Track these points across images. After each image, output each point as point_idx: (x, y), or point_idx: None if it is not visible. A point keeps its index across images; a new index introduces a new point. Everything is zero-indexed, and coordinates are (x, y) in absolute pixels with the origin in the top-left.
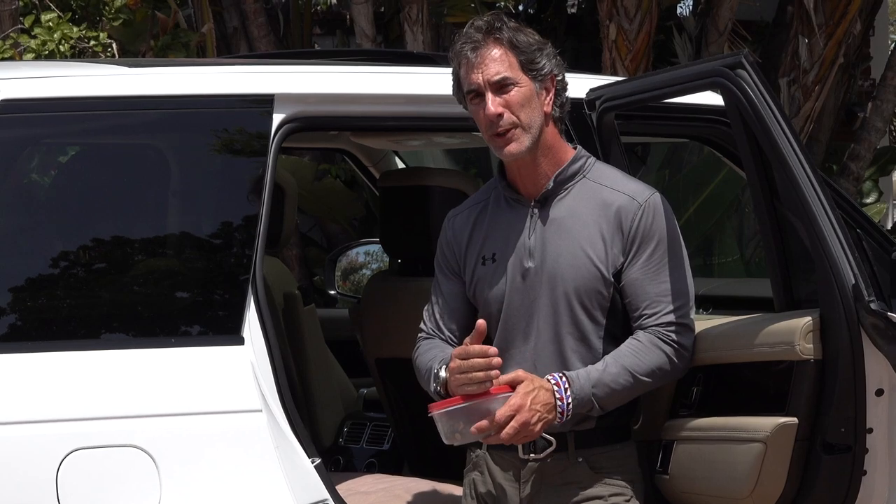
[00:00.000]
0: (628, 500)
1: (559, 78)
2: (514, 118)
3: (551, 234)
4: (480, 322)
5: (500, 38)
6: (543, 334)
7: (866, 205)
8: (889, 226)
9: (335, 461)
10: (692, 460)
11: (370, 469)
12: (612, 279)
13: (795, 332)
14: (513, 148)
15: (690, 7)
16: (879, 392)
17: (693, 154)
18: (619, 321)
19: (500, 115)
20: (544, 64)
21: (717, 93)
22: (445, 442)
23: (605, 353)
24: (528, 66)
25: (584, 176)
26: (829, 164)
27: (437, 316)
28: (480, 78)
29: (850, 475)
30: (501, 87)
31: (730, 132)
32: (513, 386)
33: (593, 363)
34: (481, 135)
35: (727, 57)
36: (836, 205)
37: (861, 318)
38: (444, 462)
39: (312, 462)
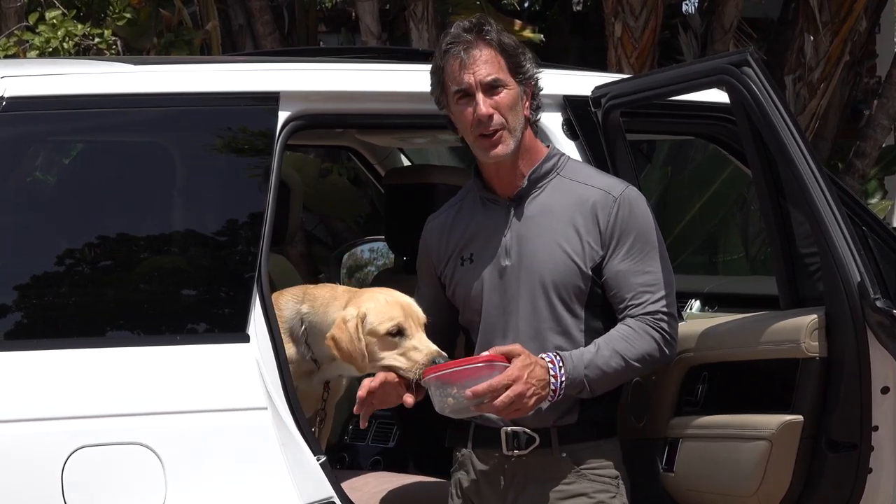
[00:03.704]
0: (613, 497)
1: (536, 82)
2: (503, 120)
3: (527, 231)
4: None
5: (489, 39)
6: (523, 331)
7: (871, 203)
8: (895, 223)
9: (340, 459)
10: (698, 458)
11: (375, 467)
12: (591, 273)
13: (801, 329)
14: (499, 150)
15: (696, 4)
16: (885, 390)
17: (698, 151)
18: (597, 315)
19: (491, 117)
20: (528, 67)
21: (722, 90)
22: (437, 409)
23: (587, 346)
24: (515, 69)
25: (558, 173)
26: (834, 162)
27: None
28: (472, 78)
29: (856, 473)
30: (492, 88)
31: (735, 129)
32: (509, 358)
33: None
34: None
35: (733, 54)
36: (841, 202)
37: (867, 316)
38: (449, 460)
39: (317, 460)
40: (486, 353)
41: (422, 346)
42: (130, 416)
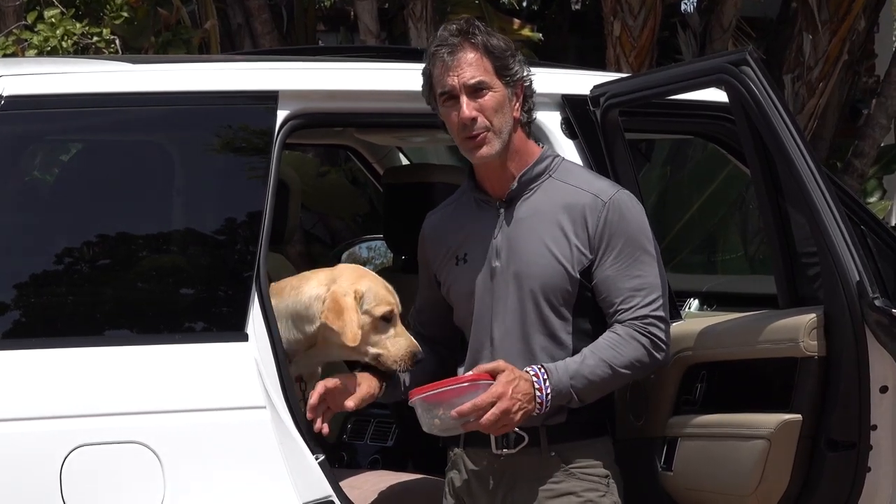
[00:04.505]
0: (602, 496)
1: (527, 84)
2: (487, 122)
3: (516, 233)
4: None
5: (475, 42)
6: (512, 333)
7: (870, 203)
8: (893, 223)
9: (339, 458)
10: (696, 457)
11: (374, 465)
12: (579, 277)
13: (800, 328)
14: (484, 151)
15: (694, 4)
16: (884, 389)
17: (697, 151)
18: (587, 317)
19: (474, 119)
20: (516, 70)
21: (721, 89)
22: (425, 429)
23: (577, 349)
24: (501, 72)
25: (550, 175)
26: (832, 161)
27: (416, 312)
28: (456, 81)
29: (854, 472)
30: (476, 90)
31: (734, 129)
32: (493, 375)
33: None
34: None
35: (731, 54)
36: (840, 201)
37: (865, 315)
38: (447, 459)
39: (316, 458)
40: (470, 373)
41: (402, 336)
42: (129, 415)
